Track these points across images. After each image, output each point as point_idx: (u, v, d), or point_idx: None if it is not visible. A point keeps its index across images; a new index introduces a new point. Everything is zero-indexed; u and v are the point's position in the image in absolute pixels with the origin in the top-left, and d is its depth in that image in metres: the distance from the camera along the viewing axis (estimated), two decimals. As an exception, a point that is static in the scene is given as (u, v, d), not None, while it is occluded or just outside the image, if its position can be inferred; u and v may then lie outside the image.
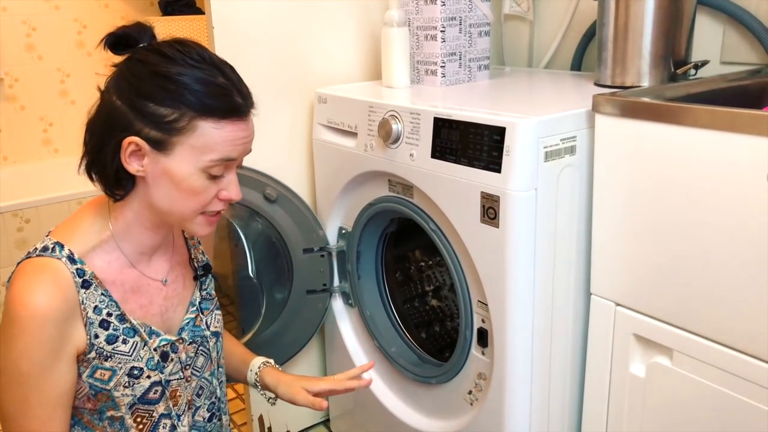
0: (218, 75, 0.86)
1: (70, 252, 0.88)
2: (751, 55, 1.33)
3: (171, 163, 0.85)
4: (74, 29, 3.00)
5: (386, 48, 1.47)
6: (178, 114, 0.83)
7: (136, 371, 0.92)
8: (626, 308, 1.09)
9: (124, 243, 0.94)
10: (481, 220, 1.11)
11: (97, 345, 0.89)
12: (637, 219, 1.04)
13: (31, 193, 2.58)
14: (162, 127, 0.84)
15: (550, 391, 1.20)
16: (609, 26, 1.29)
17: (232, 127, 0.86)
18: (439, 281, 1.70)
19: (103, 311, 0.90)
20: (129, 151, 0.85)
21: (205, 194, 0.89)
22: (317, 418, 1.84)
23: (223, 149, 0.86)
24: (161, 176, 0.87)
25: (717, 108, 0.91)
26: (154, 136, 0.84)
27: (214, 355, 1.07)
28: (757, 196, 0.87)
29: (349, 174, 1.42)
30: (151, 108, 0.83)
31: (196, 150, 0.85)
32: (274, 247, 1.54)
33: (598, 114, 1.07)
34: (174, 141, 0.84)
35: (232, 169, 0.91)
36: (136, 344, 0.93)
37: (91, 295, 0.89)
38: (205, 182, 0.88)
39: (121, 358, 0.91)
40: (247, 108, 0.89)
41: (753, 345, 0.92)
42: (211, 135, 0.85)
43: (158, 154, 0.85)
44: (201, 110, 0.84)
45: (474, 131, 1.11)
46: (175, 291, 1.01)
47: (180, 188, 0.87)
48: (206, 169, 0.86)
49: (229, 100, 0.86)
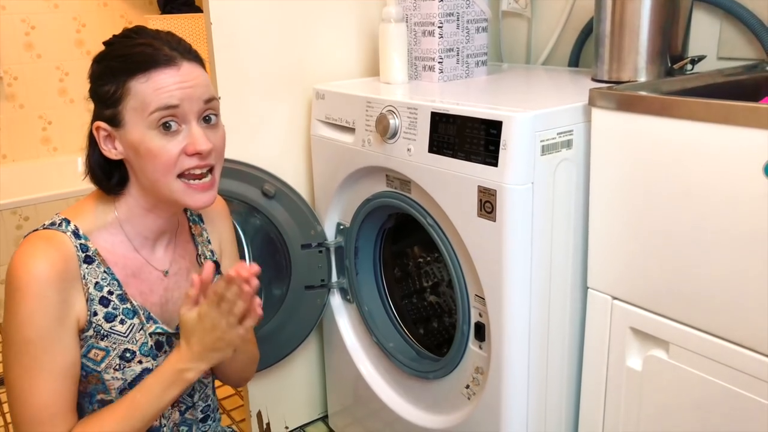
0: (145, 38, 0.90)
1: (76, 227, 0.91)
2: (747, 50, 1.33)
3: (127, 133, 0.89)
4: (73, 28, 3.01)
5: (384, 44, 1.47)
6: (115, 85, 0.88)
7: (129, 354, 0.93)
8: (623, 302, 1.10)
9: (128, 226, 0.96)
10: (478, 214, 1.11)
11: (95, 322, 0.90)
12: (634, 213, 1.04)
13: (30, 191, 2.58)
14: (109, 102, 0.89)
15: (548, 384, 1.20)
16: (606, 22, 1.29)
17: (159, 75, 0.87)
18: (437, 277, 1.70)
19: (104, 288, 0.91)
20: (102, 138, 0.91)
21: (166, 153, 0.88)
22: (315, 414, 1.85)
23: (158, 98, 0.87)
24: (129, 151, 0.90)
25: (712, 101, 0.91)
26: (108, 115, 0.90)
27: None
28: (753, 188, 0.88)
29: (346, 169, 1.43)
30: (100, 90, 0.90)
31: (138, 110, 0.88)
32: (272, 242, 1.54)
33: (594, 108, 1.07)
34: (120, 110, 0.88)
35: (189, 120, 0.89)
36: (133, 326, 0.94)
37: (93, 271, 0.91)
38: (161, 140, 0.88)
39: (117, 339, 0.92)
40: (177, 56, 0.89)
41: (749, 337, 0.92)
42: (142, 90, 0.87)
43: (118, 130, 0.90)
44: (129, 72, 0.88)
45: (471, 125, 1.11)
46: (176, 284, 1.02)
47: (142, 154, 0.89)
48: (154, 125, 0.87)
49: (153, 54, 0.88)
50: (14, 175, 2.87)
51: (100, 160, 0.93)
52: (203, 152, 0.89)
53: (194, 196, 0.92)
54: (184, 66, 0.89)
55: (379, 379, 1.53)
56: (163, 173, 0.89)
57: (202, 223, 1.10)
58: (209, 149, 0.90)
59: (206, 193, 0.93)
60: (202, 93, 0.90)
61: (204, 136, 0.90)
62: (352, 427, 1.69)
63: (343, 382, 1.66)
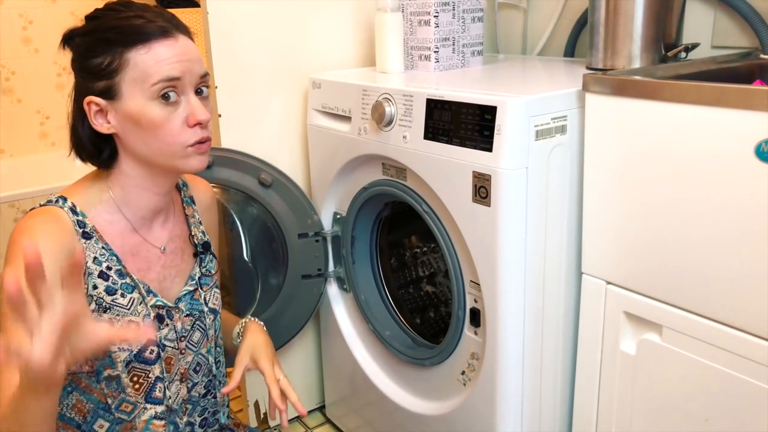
0: (135, 11, 0.90)
1: (73, 204, 0.92)
2: (741, 39, 1.34)
3: (125, 104, 0.89)
4: (71, 22, 2.97)
5: (380, 33, 1.48)
6: (110, 56, 0.88)
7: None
8: (617, 286, 1.10)
9: (125, 208, 0.96)
10: (473, 200, 1.12)
11: (96, 295, 0.91)
12: (627, 197, 1.05)
13: (28, 185, 2.58)
14: (103, 74, 0.89)
15: (542, 369, 1.21)
16: (600, 10, 1.30)
17: (160, 47, 0.89)
18: (434, 267, 1.71)
19: (102, 263, 0.92)
20: (93, 112, 0.91)
21: (169, 124, 0.90)
22: (312, 405, 1.85)
23: (160, 69, 0.88)
24: (125, 123, 0.90)
25: (704, 83, 0.92)
26: (102, 87, 0.89)
27: (211, 333, 1.08)
28: (745, 170, 0.88)
29: (343, 158, 1.43)
30: (91, 63, 0.89)
31: (138, 81, 0.88)
32: (269, 232, 1.55)
33: (588, 93, 1.08)
34: (117, 82, 0.89)
35: (188, 91, 0.92)
36: (133, 300, 0.95)
37: (92, 247, 0.92)
38: (163, 110, 0.89)
39: (120, 311, 0.93)
40: (172, 28, 0.91)
41: (742, 320, 0.93)
42: (143, 61, 0.88)
43: (113, 102, 0.90)
44: (127, 43, 0.88)
45: (466, 111, 1.12)
46: (173, 262, 1.03)
47: (143, 125, 0.89)
48: (155, 96, 0.89)
49: (150, 25, 0.89)
50: (12, 170, 2.87)
51: (90, 134, 0.93)
52: (203, 122, 0.92)
53: (196, 158, 0.93)
54: (181, 39, 0.91)
55: (375, 367, 1.54)
56: (167, 143, 0.91)
57: (193, 205, 1.12)
58: (208, 119, 0.93)
59: (203, 156, 0.95)
60: (199, 68, 0.93)
61: (202, 106, 0.92)
62: (349, 417, 1.70)
63: (340, 372, 1.67)
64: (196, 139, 0.92)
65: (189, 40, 0.94)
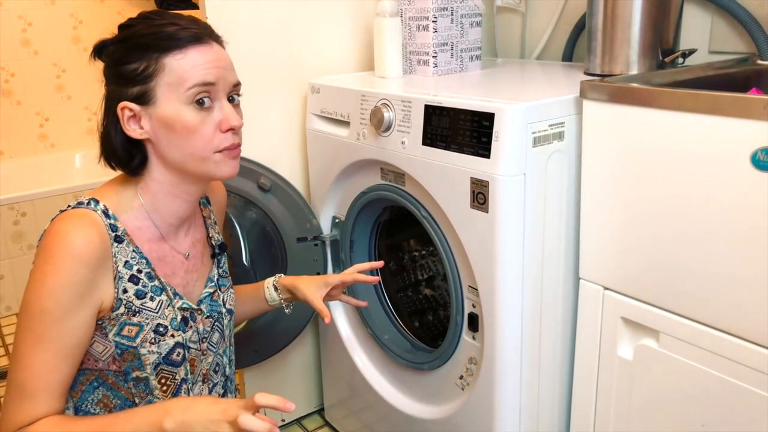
0: (169, 19, 0.92)
1: (105, 207, 0.92)
2: (738, 44, 1.34)
3: (159, 109, 0.90)
4: (70, 24, 3.01)
5: (378, 38, 1.48)
6: (146, 62, 0.89)
7: (162, 328, 0.95)
8: (614, 292, 1.11)
9: (155, 215, 0.97)
10: (471, 206, 1.13)
11: (125, 299, 0.92)
12: (625, 204, 1.05)
13: (28, 187, 2.59)
14: (138, 80, 0.90)
15: (540, 374, 1.22)
16: (598, 15, 1.30)
17: (195, 52, 0.90)
18: (432, 271, 1.71)
19: (133, 267, 0.93)
20: (126, 118, 0.91)
21: (203, 128, 0.91)
22: (311, 408, 1.86)
23: (196, 74, 0.89)
24: (159, 128, 0.91)
25: (700, 91, 0.92)
26: (137, 92, 0.90)
27: (227, 333, 1.10)
28: (741, 178, 0.89)
29: (342, 163, 1.44)
30: (125, 69, 0.90)
31: (173, 85, 0.89)
32: (268, 236, 1.55)
33: (585, 100, 1.08)
34: (152, 87, 0.90)
35: (221, 97, 0.93)
36: (162, 302, 0.96)
37: (123, 250, 0.92)
38: (197, 115, 0.91)
39: (148, 314, 0.94)
40: (207, 35, 0.93)
41: (738, 326, 0.94)
42: (179, 65, 0.89)
43: (147, 107, 0.91)
44: (162, 49, 0.89)
45: (464, 117, 1.12)
46: (194, 266, 1.04)
47: (177, 130, 0.90)
48: (190, 100, 0.90)
49: (185, 32, 0.90)
50: (12, 172, 2.88)
51: (123, 140, 0.94)
52: (236, 128, 0.94)
53: (228, 163, 0.95)
54: (215, 46, 0.93)
55: (374, 370, 1.54)
56: (200, 148, 0.92)
57: (209, 206, 1.13)
58: (241, 125, 0.94)
59: (235, 162, 0.96)
60: (232, 76, 0.95)
61: (235, 112, 0.94)
62: (348, 420, 1.71)
63: (338, 375, 1.67)
64: (227, 144, 0.93)
65: (222, 48, 0.95)
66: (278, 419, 1.79)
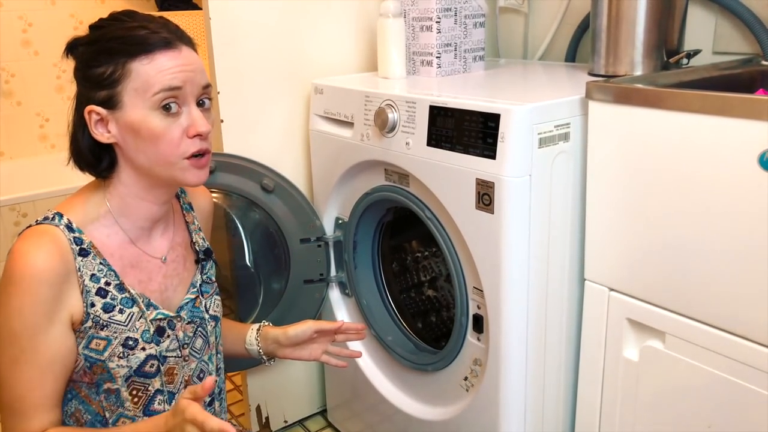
0: (140, 21, 0.91)
1: (69, 221, 0.91)
2: (743, 45, 1.34)
3: (126, 114, 0.89)
4: (70, 25, 3.00)
5: (382, 39, 1.48)
6: (113, 66, 0.88)
7: (131, 342, 0.94)
8: (620, 293, 1.11)
9: (123, 219, 0.96)
10: (476, 207, 1.12)
11: (93, 314, 0.91)
12: (630, 205, 1.05)
13: (28, 188, 2.58)
14: (104, 84, 0.89)
15: (545, 375, 1.21)
16: (602, 16, 1.30)
17: (162, 57, 0.89)
18: (435, 271, 1.71)
19: (101, 280, 0.92)
20: (93, 122, 0.91)
21: (169, 134, 0.90)
22: (314, 408, 1.86)
23: (162, 79, 0.88)
24: (126, 133, 0.90)
25: (707, 92, 0.92)
26: (104, 97, 0.89)
27: (212, 339, 1.08)
28: (748, 179, 0.89)
29: (345, 164, 1.43)
30: (93, 73, 0.89)
31: (139, 91, 0.88)
32: (271, 237, 1.55)
33: (591, 101, 1.08)
34: (119, 91, 0.89)
35: (190, 102, 0.91)
36: (132, 315, 0.95)
37: (89, 263, 0.91)
38: (164, 121, 0.89)
39: (117, 328, 0.93)
40: (176, 39, 0.91)
41: (744, 327, 0.93)
42: (145, 71, 0.88)
43: (114, 112, 0.90)
44: (129, 54, 0.88)
45: (469, 118, 1.12)
46: (175, 270, 1.03)
47: (143, 135, 0.89)
48: (156, 106, 0.89)
49: (154, 36, 0.89)
50: (12, 172, 2.87)
51: (90, 144, 0.93)
52: (203, 134, 0.92)
53: (194, 172, 0.93)
54: (184, 50, 0.92)
55: (377, 372, 1.54)
56: (166, 154, 0.90)
57: (192, 212, 1.12)
58: (209, 131, 0.92)
59: (203, 170, 0.95)
60: (201, 78, 0.93)
61: (203, 118, 0.92)
62: (351, 421, 1.70)
63: (341, 376, 1.67)
64: (194, 149, 0.92)
65: (192, 51, 0.94)
66: (281, 420, 1.79)
